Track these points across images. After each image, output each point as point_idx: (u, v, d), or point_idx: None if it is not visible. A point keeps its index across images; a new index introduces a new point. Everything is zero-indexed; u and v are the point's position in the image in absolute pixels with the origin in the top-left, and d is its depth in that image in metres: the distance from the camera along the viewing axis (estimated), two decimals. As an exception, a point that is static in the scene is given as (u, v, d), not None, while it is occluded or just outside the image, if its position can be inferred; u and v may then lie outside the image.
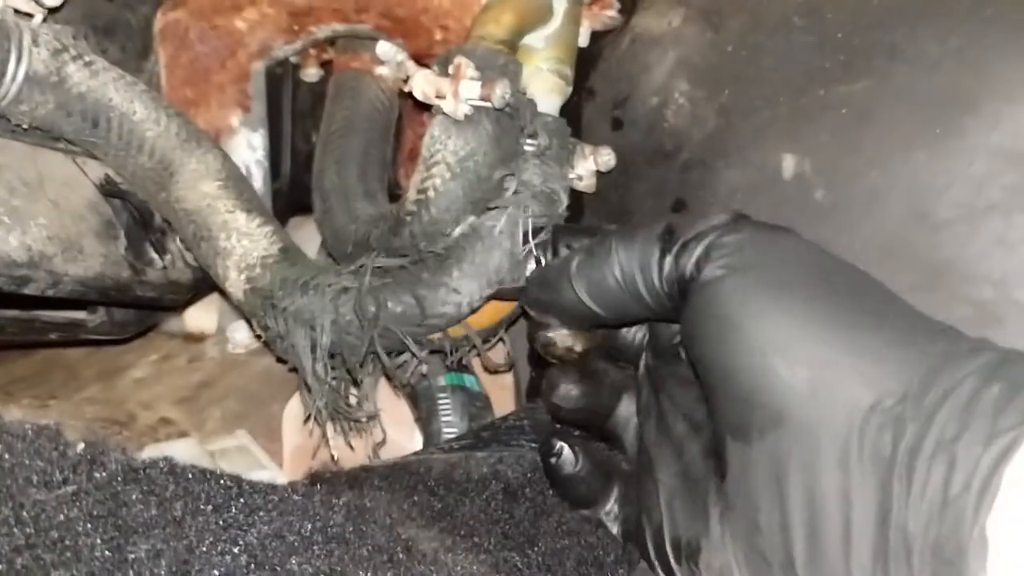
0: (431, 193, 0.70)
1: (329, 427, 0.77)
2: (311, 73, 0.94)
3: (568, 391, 0.61)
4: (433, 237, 0.71)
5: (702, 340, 0.51)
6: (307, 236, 0.97)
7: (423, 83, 0.69)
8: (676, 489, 0.56)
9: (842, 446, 0.43)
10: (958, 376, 0.42)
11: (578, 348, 0.62)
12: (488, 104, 0.68)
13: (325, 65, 0.94)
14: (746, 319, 0.48)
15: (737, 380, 0.48)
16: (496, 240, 0.71)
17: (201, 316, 0.97)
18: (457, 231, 0.71)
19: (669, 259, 0.53)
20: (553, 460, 0.62)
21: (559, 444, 0.62)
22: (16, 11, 0.63)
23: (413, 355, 0.73)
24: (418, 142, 0.97)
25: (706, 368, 0.51)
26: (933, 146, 0.71)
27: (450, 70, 0.68)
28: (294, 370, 0.75)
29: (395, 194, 0.94)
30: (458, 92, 0.67)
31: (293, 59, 0.93)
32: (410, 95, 0.74)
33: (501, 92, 0.67)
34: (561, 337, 0.61)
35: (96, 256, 0.68)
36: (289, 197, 0.96)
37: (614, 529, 0.62)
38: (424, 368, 0.77)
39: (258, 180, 0.90)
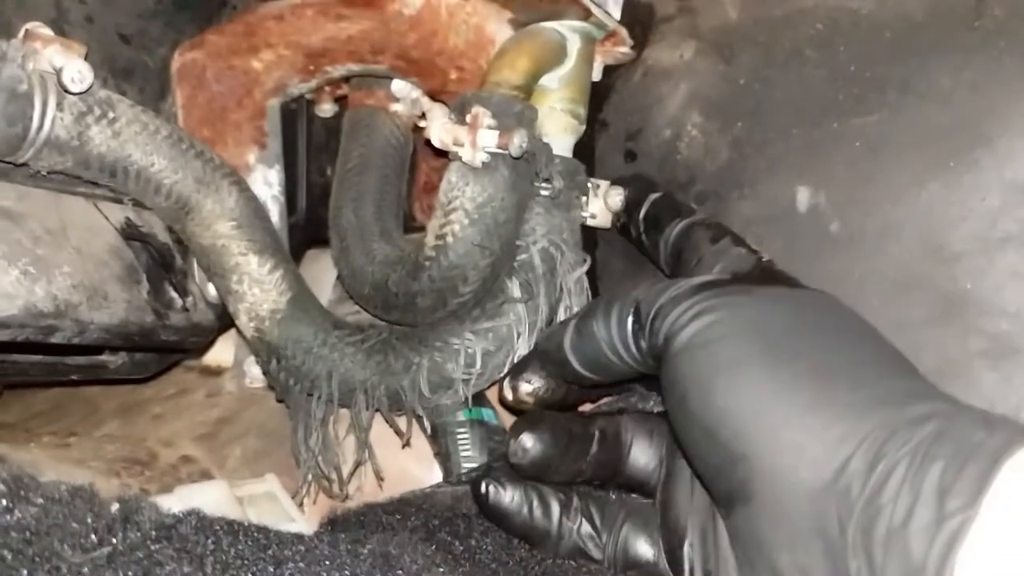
0: (449, 239, 0.71)
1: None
2: (326, 109, 0.95)
3: (527, 445, 0.60)
4: (451, 282, 0.72)
5: (672, 414, 0.53)
6: (324, 268, 0.98)
7: (441, 131, 0.70)
8: (699, 539, 0.56)
9: (798, 525, 0.44)
10: (903, 451, 0.42)
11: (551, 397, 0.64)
12: (505, 152, 0.69)
13: (340, 101, 0.95)
14: (706, 397, 0.49)
15: (705, 457, 0.50)
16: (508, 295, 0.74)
17: (218, 349, 0.97)
18: (470, 287, 0.72)
19: (644, 328, 0.54)
20: (485, 498, 0.62)
21: (487, 486, 0.62)
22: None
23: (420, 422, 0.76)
24: (432, 175, 0.98)
25: (679, 441, 0.53)
26: (947, 179, 0.71)
27: (467, 119, 0.69)
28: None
29: (409, 226, 0.95)
30: (476, 142, 0.68)
31: (308, 95, 0.93)
32: (425, 133, 0.75)
33: (519, 142, 0.67)
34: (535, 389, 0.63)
35: (120, 302, 0.69)
36: (305, 230, 0.97)
37: (596, 554, 0.62)
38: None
39: (275, 215, 0.90)
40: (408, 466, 0.81)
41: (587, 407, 0.72)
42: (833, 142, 0.76)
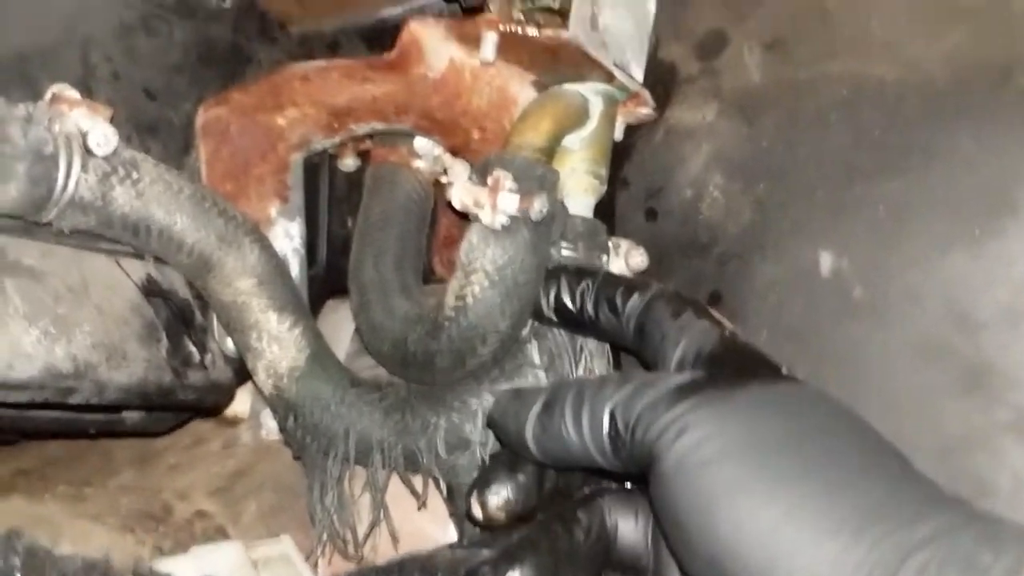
0: (469, 300, 0.71)
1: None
2: (348, 163, 0.96)
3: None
4: (470, 343, 0.71)
5: (669, 538, 0.51)
6: (342, 319, 0.97)
7: (462, 193, 0.70)
8: None
9: None
10: None
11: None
12: (526, 215, 0.69)
13: (362, 155, 0.96)
14: (707, 526, 0.47)
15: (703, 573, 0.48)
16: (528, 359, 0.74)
17: (234, 400, 0.97)
18: (489, 348, 0.72)
19: (624, 438, 0.52)
20: None
21: None
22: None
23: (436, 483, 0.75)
24: (453, 228, 0.98)
25: (679, 564, 0.51)
26: (972, 247, 0.71)
27: (489, 181, 0.69)
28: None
29: (429, 279, 0.96)
30: (497, 205, 0.68)
31: (331, 150, 0.94)
32: (447, 194, 0.75)
33: (539, 207, 0.68)
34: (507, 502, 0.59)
35: (139, 361, 0.69)
36: (325, 282, 0.97)
37: None
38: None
39: (295, 268, 0.91)
40: (424, 526, 0.80)
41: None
42: (857, 206, 0.76)
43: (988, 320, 0.70)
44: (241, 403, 0.97)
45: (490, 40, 0.73)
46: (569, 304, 0.71)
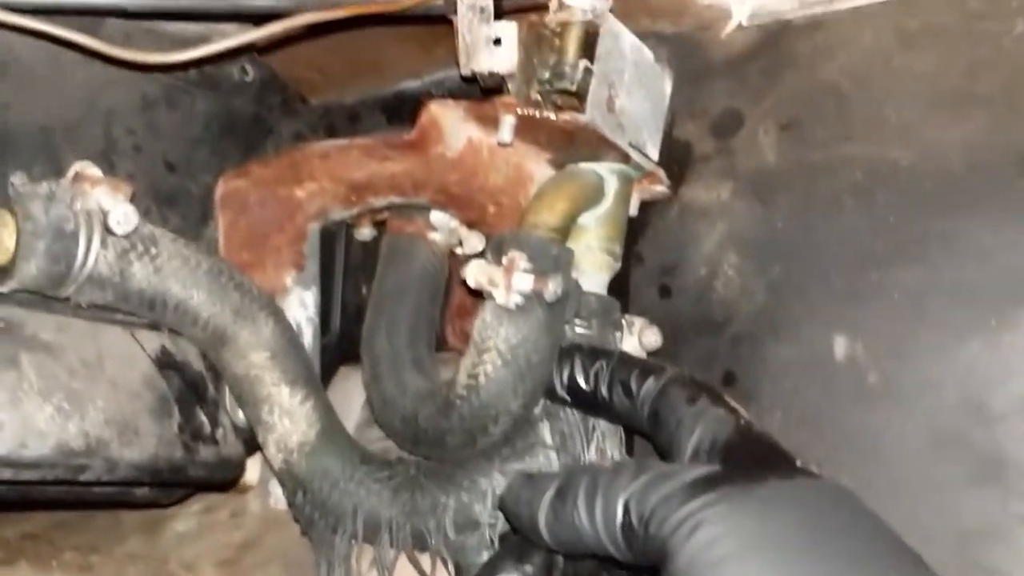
0: (482, 379, 0.71)
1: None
2: (365, 233, 0.96)
3: None
4: (482, 422, 0.71)
5: None
6: (354, 387, 0.97)
7: (476, 272, 0.70)
8: None
9: None
10: None
11: None
12: (540, 295, 0.69)
13: (379, 224, 0.96)
14: None
15: None
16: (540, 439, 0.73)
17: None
18: (501, 428, 0.72)
19: (637, 530, 0.52)
20: None
21: None
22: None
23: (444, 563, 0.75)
24: (466, 299, 0.98)
25: None
26: (988, 338, 0.71)
27: (504, 261, 0.69)
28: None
29: (441, 349, 0.96)
30: (511, 284, 0.68)
31: (348, 219, 0.95)
32: (461, 272, 0.75)
33: (554, 288, 0.68)
34: None
35: (151, 437, 0.69)
36: (338, 349, 0.97)
37: None
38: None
39: (308, 337, 0.91)
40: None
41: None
42: (872, 292, 0.75)
43: (1004, 411, 0.69)
44: (251, 470, 0.97)
45: (508, 123, 0.74)
46: (583, 384, 0.71)
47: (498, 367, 0.70)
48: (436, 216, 0.87)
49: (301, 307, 0.91)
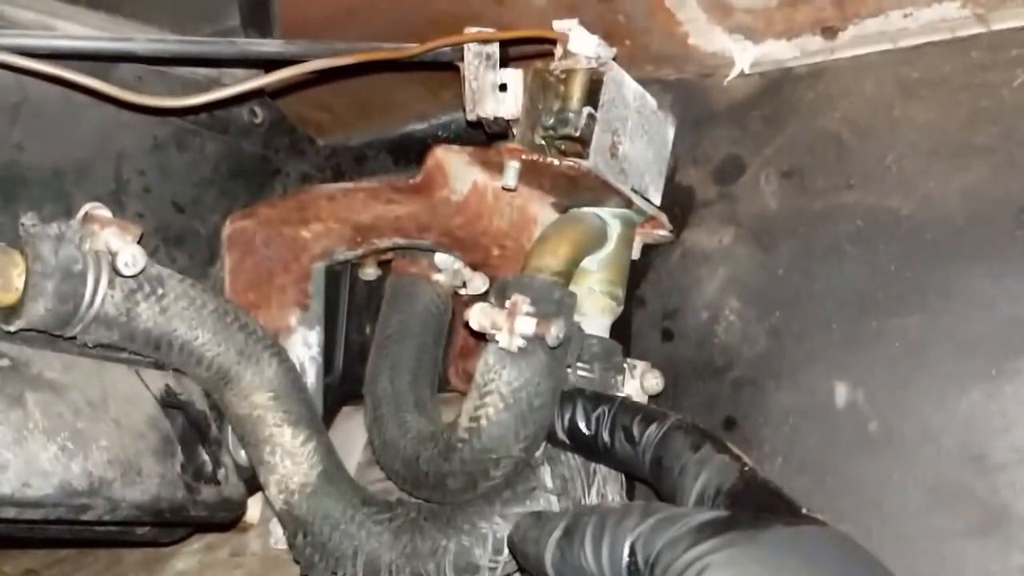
0: (483, 422, 0.71)
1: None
2: (369, 273, 0.97)
3: None
4: (483, 465, 0.72)
5: None
6: (356, 426, 0.98)
7: (480, 315, 0.71)
8: None
9: None
10: None
11: None
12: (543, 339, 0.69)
13: (383, 264, 0.97)
14: None
15: None
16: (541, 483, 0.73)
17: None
18: (502, 471, 0.72)
19: (643, 572, 0.52)
20: None
21: None
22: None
23: None
24: (469, 340, 0.98)
25: None
26: (989, 388, 0.71)
27: (507, 304, 0.70)
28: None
29: (444, 389, 0.96)
30: (514, 328, 0.69)
31: (352, 259, 0.95)
32: (464, 315, 0.76)
33: (556, 332, 0.68)
34: None
35: (153, 477, 0.70)
36: (341, 389, 0.98)
37: None
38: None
39: (311, 376, 0.91)
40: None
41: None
42: (873, 340, 0.76)
43: (1005, 462, 0.69)
44: (252, 509, 0.97)
45: (512, 168, 0.74)
46: (584, 429, 0.72)
47: (500, 410, 0.71)
48: (440, 257, 0.88)
49: (305, 346, 0.91)
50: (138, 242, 0.67)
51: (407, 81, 0.94)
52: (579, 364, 0.76)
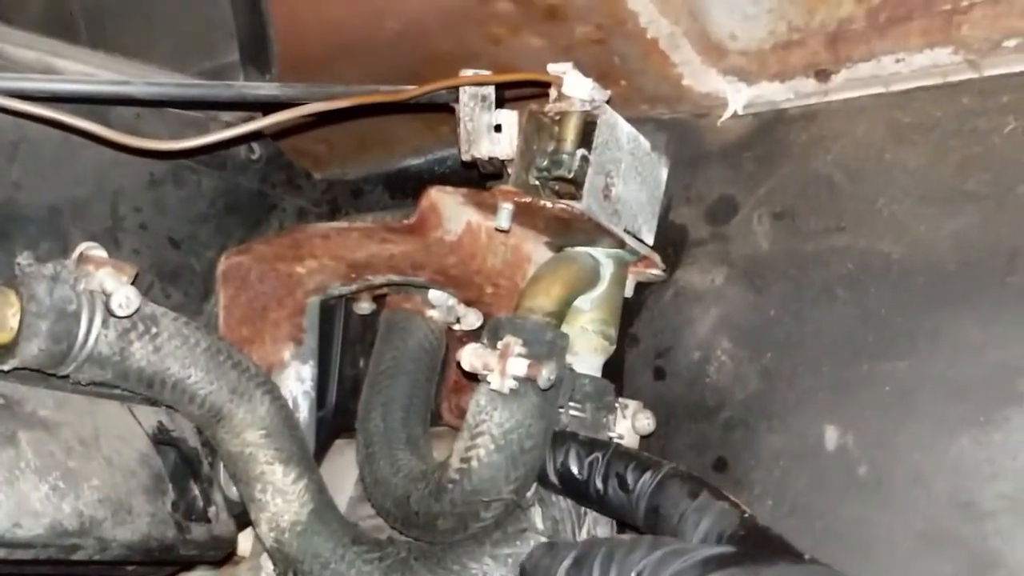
0: (474, 463, 0.71)
1: None
2: (364, 307, 0.97)
3: None
4: (473, 507, 0.72)
5: None
6: (349, 461, 0.98)
7: (471, 356, 0.71)
8: None
9: None
10: None
11: None
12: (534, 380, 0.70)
13: (377, 299, 0.97)
14: None
15: None
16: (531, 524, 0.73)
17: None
18: (492, 513, 0.72)
19: None
20: None
21: None
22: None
23: None
24: (462, 376, 0.99)
25: None
26: (977, 435, 0.71)
27: (499, 346, 0.70)
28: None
29: (436, 423, 0.96)
30: (506, 370, 0.69)
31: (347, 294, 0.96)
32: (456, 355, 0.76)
33: (547, 374, 0.68)
34: None
35: (144, 516, 0.70)
36: (333, 422, 0.98)
37: None
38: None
39: (304, 410, 0.92)
40: None
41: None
42: (863, 383, 0.76)
43: (994, 509, 0.70)
44: (243, 542, 0.97)
45: (506, 210, 0.75)
46: (576, 474, 0.72)
47: (491, 451, 0.71)
48: (434, 294, 0.89)
49: (298, 381, 0.91)
50: (133, 282, 0.67)
51: (405, 117, 0.95)
52: (571, 404, 0.77)
